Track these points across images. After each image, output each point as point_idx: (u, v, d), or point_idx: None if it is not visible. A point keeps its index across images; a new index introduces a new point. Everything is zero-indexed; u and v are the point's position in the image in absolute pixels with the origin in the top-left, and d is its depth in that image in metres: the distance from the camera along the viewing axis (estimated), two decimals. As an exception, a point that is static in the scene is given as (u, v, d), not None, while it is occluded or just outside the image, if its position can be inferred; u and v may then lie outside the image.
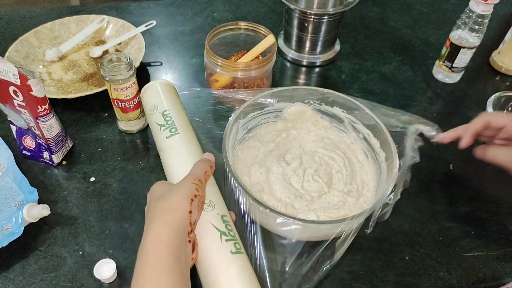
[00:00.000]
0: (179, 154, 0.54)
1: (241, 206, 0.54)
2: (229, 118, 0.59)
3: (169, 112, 0.58)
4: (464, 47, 0.77)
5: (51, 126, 0.61)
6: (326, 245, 0.50)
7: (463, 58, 0.79)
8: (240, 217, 0.53)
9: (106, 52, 0.85)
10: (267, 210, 0.49)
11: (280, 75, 0.86)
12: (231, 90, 0.66)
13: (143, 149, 0.69)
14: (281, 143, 0.65)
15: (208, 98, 0.67)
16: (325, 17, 0.80)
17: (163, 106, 0.59)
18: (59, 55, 0.84)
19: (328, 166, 0.62)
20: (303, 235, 0.53)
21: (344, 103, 0.64)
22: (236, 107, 0.62)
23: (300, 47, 0.87)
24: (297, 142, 0.66)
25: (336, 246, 0.50)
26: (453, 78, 0.84)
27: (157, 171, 0.65)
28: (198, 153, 0.54)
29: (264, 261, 0.50)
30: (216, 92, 0.67)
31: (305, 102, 0.66)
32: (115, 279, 0.53)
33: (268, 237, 0.55)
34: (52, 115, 0.61)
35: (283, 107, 0.66)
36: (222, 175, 0.56)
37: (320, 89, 0.65)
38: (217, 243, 0.45)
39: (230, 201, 0.54)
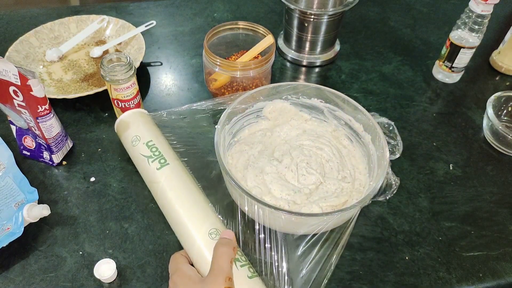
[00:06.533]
0: (173, 186, 0.54)
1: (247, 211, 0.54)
2: (216, 127, 0.58)
3: (154, 142, 0.58)
4: (464, 47, 0.77)
5: (51, 126, 0.61)
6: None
7: (463, 58, 0.79)
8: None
9: (106, 52, 0.85)
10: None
11: (280, 75, 0.86)
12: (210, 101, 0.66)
13: (143, 149, 0.69)
14: (268, 142, 0.66)
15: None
16: (325, 17, 0.80)
17: (146, 136, 0.59)
18: (59, 55, 0.84)
19: (318, 157, 0.62)
20: (326, 226, 0.53)
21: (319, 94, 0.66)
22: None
23: (300, 47, 0.87)
24: (282, 138, 0.66)
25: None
26: (453, 78, 0.84)
27: (157, 171, 0.65)
28: (190, 182, 0.55)
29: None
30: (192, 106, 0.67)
31: (283, 98, 0.67)
32: (115, 279, 0.53)
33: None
34: (52, 115, 0.61)
35: (262, 106, 0.67)
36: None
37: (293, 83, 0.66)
38: (234, 271, 0.47)
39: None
